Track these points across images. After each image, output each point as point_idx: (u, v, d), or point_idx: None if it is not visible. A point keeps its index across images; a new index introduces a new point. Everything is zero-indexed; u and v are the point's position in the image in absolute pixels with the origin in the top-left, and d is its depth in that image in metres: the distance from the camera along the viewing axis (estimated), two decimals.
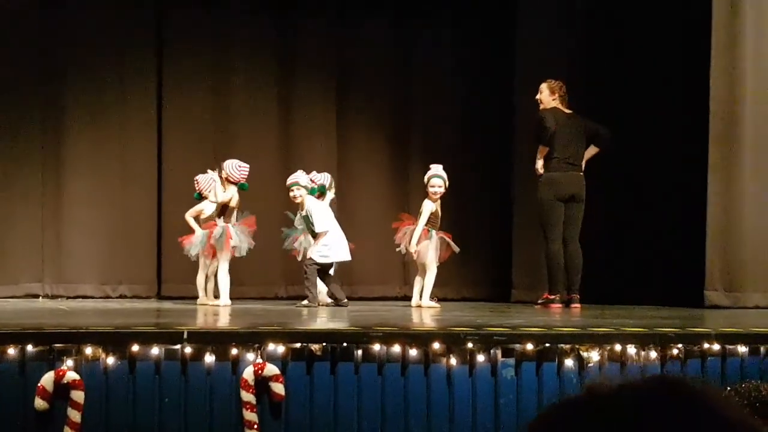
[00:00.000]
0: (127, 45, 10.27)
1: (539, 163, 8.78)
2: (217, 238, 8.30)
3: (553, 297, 8.64)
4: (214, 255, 8.46)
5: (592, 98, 9.79)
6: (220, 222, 8.39)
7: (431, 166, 8.63)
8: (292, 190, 8.41)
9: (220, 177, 8.47)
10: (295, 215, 8.64)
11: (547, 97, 8.87)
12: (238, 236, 8.35)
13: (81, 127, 10.20)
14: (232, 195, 8.42)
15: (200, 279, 8.72)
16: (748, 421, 0.92)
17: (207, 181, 8.78)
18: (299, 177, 8.49)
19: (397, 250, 8.62)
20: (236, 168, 8.44)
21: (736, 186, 8.62)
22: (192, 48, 10.44)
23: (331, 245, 8.37)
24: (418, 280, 8.62)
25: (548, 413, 0.97)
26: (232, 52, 10.53)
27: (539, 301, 8.79)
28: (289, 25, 10.67)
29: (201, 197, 8.81)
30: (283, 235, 8.88)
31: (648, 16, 9.76)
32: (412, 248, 8.37)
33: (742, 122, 8.61)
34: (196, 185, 8.86)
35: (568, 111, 8.88)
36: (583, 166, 8.85)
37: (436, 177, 8.51)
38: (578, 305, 8.53)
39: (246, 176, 8.45)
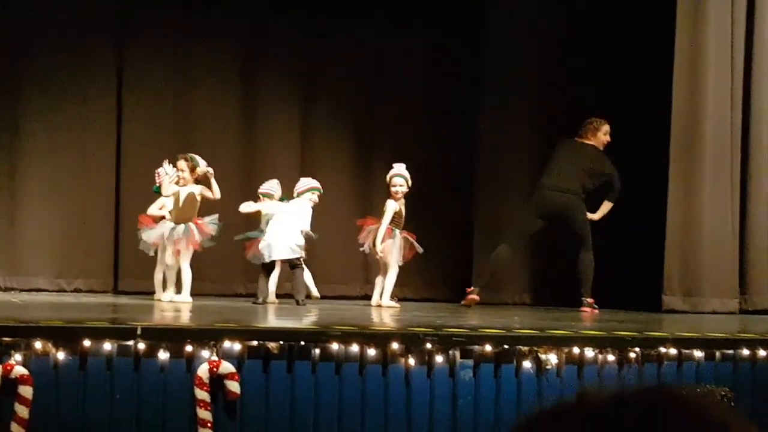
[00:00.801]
0: (89, 37, 10.12)
1: None
2: (211, 236, 8.33)
3: (470, 290, 8.89)
4: (177, 252, 8.41)
5: (557, 103, 9.83)
6: (214, 218, 8.38)
7: (393, 165, 8.61)
8: (315, 194, 8.67)
9: (191, 172, 8.43)
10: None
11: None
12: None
13: (39, 118, 10.04)
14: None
15: (158, 275, 8.62)
16: None
17: (172, 175, 8.73)
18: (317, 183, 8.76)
19: (361, 249, 8.58)
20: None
21: (695, 192, 8.68)
22: (154, 42, 10.33)
23: (263, 245, 8.48)
24: (379, 279, 8.59)
25: (535, 419, 0.91)
26: (195, 47, 10.42)
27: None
28: (255, 24, 10.58)
29: (160, 191, 8.74)
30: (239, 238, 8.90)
31: (614, 22, 9.81)
32: (378, 248, 8.34)
33: (703, 129, 8.68)
34: (156, 178, 8.78)
35: (580, 140, 8.96)
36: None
37: (398, 176, 8.49)
38: (586, 309, 8.56)
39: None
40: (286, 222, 8.51)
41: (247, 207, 8.80)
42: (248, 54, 10.58)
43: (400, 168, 8.56)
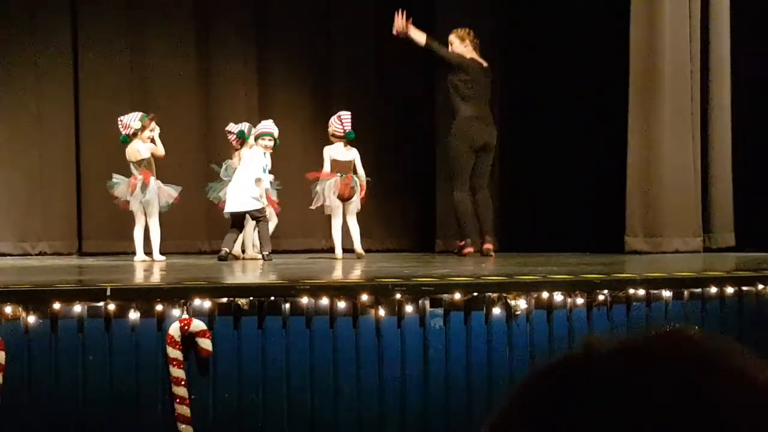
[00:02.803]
0: None
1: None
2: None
3: (463, 243, 8.67)
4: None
5: (512, 47, 9.81)
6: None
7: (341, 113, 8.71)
8: (265, 139, 8.41)
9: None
10: (220, 167, 8.65)
11: (459, 47, 8.81)
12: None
13: None
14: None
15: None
16: None
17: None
18: (273, 127, 8.49)
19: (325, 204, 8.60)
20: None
21: (655, 132, 8.72)
22: None
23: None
24: (337, 230, 8.65)
25: (543, 374, 0.90)
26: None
27: (455, 252, 8.83)
28: None
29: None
30: (207, 188, 8.84)
31: None
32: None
33: (661, 70, 8.69)
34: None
35: (480, 60, 8.83)
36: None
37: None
38: (491, 252, 8.61)
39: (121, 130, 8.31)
40: (241, 172, 8.42)
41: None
42: (201, 3, 10.46)
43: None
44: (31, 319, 4.67)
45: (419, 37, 8.65)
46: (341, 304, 5.07)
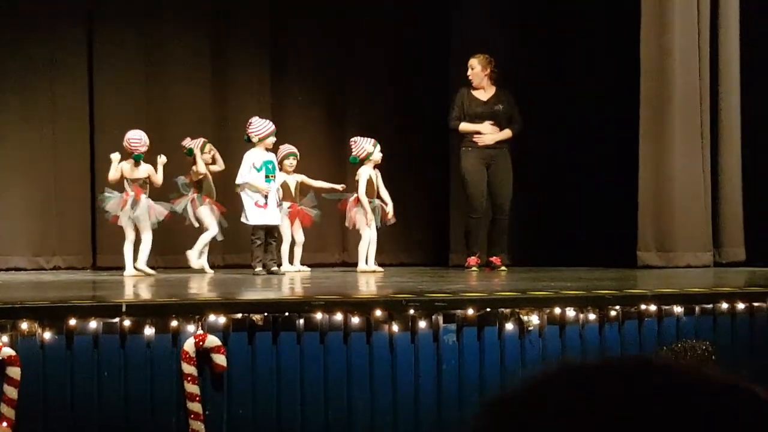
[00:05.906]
0: (58, 7, 10.05)
1: None
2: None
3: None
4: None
5: (524, 61, 9.85)
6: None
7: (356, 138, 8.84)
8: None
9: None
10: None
11: (480, 72, 8.97)
12: None
13: (8, 92, 9.96)
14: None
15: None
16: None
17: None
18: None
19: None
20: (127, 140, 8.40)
21: (666, 147, 8.74)
22: (123, 11, 10.26)
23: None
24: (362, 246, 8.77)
25: (554, 374, 0.93)
26: (163, 15, 10.36)
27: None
28: None
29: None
30: None
31: None
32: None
33: (672, 84, 8.72)
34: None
35: (493, 87, 9.01)
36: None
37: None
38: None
39: (137, 148, 8.37)
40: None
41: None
42: (215, 18, 10.53)
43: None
44: (47, 335, 4.72)
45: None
46: (355, 320, 5.10)
